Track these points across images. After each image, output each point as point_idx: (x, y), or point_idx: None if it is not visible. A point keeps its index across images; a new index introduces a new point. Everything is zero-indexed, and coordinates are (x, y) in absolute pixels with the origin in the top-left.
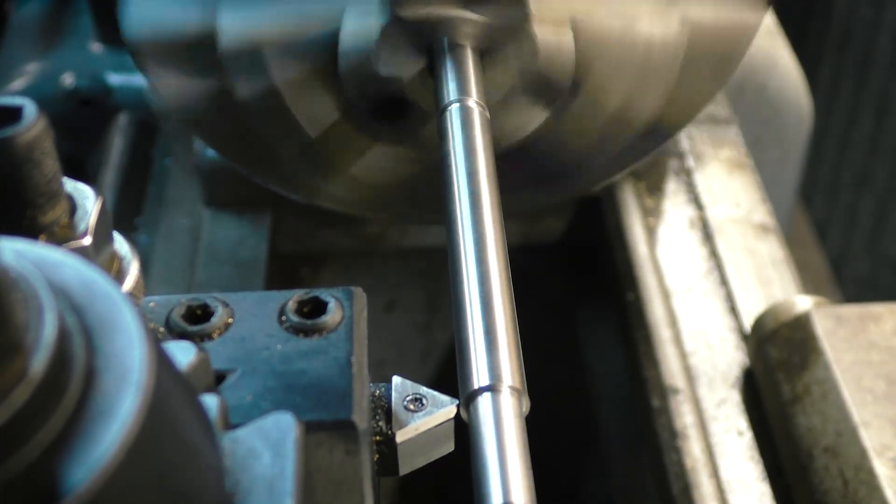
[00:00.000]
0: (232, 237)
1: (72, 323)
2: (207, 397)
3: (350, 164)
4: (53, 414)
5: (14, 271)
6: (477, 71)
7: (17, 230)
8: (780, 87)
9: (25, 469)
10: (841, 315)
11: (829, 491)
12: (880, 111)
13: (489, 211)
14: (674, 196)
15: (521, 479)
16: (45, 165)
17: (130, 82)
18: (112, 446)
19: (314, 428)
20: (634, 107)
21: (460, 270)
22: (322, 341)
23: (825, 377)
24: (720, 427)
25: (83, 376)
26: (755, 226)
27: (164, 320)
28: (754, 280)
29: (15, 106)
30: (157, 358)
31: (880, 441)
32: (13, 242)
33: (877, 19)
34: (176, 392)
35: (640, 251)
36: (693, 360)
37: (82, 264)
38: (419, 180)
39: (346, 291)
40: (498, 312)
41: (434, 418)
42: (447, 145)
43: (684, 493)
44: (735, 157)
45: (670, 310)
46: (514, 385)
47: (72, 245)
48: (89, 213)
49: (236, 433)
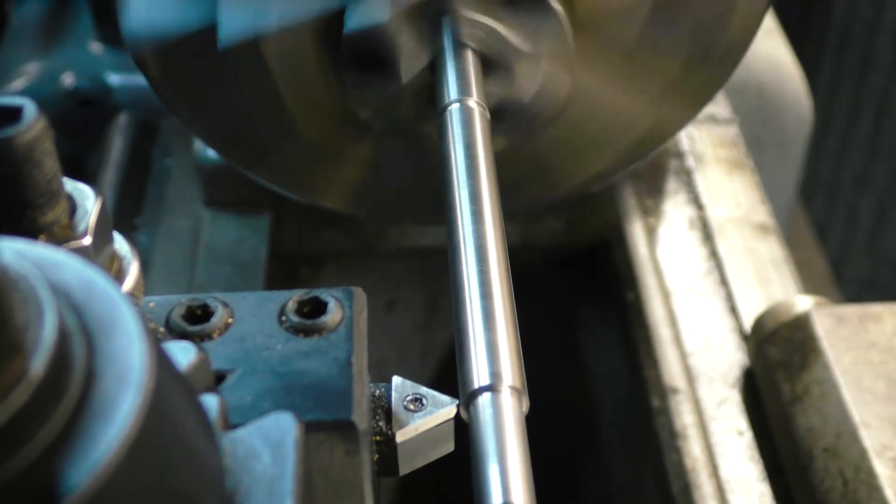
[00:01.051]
0: (232, 237)
1: (72, 323)
2: (207, 397)
3: (350, 165)
4: (53, 414)
5: (14, 271)
6: (478, 72)
7: (17, 230)
8: (780, 87)
9: (25, 469)
10: (841, 315)
11: (829, 491)
12: (880, 111)
13: (489, 211)
14: (674, 196)
15: (521, 479)
16: (45, 165)
17: (130, 82)
18: (112, 447)
19: (314, 428)
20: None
21: (460, 270)
22: (322, 341)
23: (825, 377)
24: (720, 427)
25: (83, 377)
26: (755, 226)
27: (164, 320)
28: (754, 280)
29: (15, 106)
30: (157, 358)
31: (880, 441)
32: (13, 242)
33: (877, 19)
34: (176, 392)
35: (640, 251)
36: (693, 360)
37: (82, 264)
38: (419, 180)
39: (346, 291)
40: (498, 312)
41: (434, 418)
42: (447, 145)
43: (684, 493)
44: (735, 157)
45: (670, 310)
46: (515, 385)
47: (72, 245)
48: (89, 213)
49: (236, 433)
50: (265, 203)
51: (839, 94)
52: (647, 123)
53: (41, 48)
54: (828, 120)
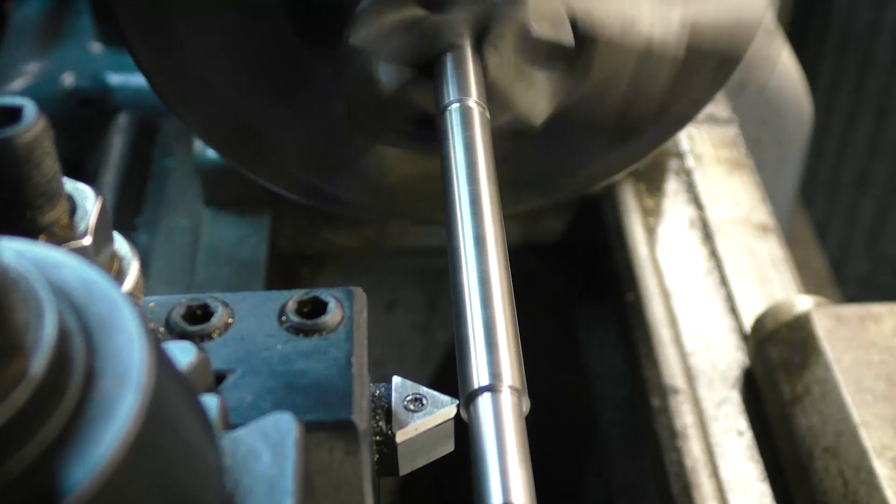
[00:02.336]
0: (232, 237)
1: (72, 323)
2: (207, 397)
3: (351, 165)
4: (53, 414)
5: (14, 271)
6: (477, 71)
7: (17, 230)
8: (780, 87)
9: (25, 470)
10: (841, 315)
11: (829, 491)
12: (880, 111)
13: (489, 211)
14: (674, 196)
15: (521, 479)
16: (44, 166)
17: (130, 82)
18: (112, 447)
19: (314, 428)
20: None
21: (460, 270)
22: (322, 341)
23: (825, 377)
24: (720, 427)
25: (83, 377)
26: (755, 226)
27: (164, 320)
28: (754, 280)
29: (15, 106)
30: (157, 358)
31: (880, 441)
32: (13, 242)
33: (877, 19)
34: (176, 392)
35: (640, 251)
36: (693, 360)
37: (82, 264)
38: (419, 180)
39: (347, 291)
40: (498, 312)
41: (434, 418)
42: (447, 145)
43: (684, 492)
44: (735, 157)
45: (670, 310)
46: (514, 385)
47: (72, 245)
48: (89, 213)
49: (236, 433)
50: (265, 203)
51: (839, 94)
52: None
53: (41, 48)
54: (828, 120)
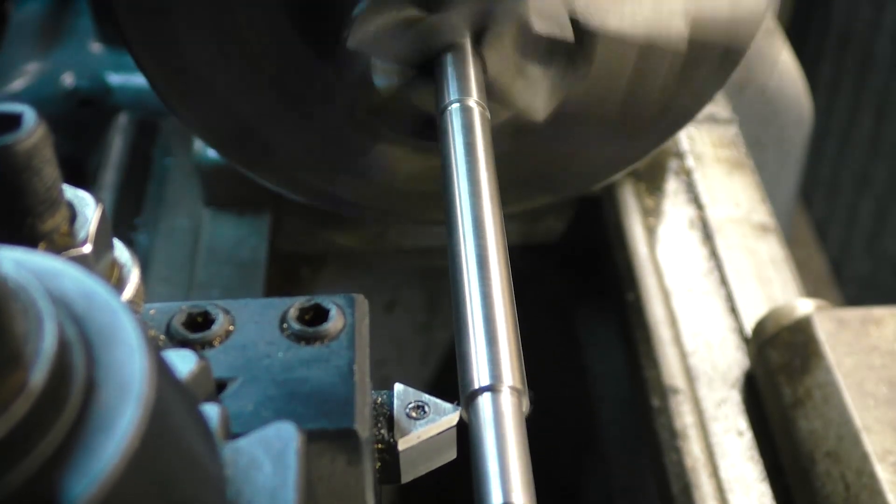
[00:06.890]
0: (232, 237)
1: (72, 334)
2: (208, 406)
3: (351, 165)
4: (53, 426)
5: (13, 281)
6: (477, 70)
7: (17, 238)
8: (780, 87)
9: (25, 482)
10: (842, 318)
11: (830, 495)
12: (880, 111)
13: (489, 211)
14: (674, 196)
15: (521, 479)
16: (44, 173)
17: (130, 82)
18: (112, 459)
19: (316, 437)
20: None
21: (460, 270)
22: (324, 349)
23: (826, 381)
24: (720, 427)
25: (83, 388)
26: (755, 226)
27: (164, 328)
28: (754, 280)
29: (15, 113)
30: (158, 369)
31: (882, 445)
32: (12, 251)
33: (877, 19)
34: (177, 402)
35: (640, 251)
36: (693, 360)
37: (82, 274)
38: (420, 180)
39: (348, 298)
40: (498, 312)
41: (436, 426)
42: (447, 145)
43: (684, 492)
44: (735, 157)
45: (670, 310)
46: (515, 385)
47: (72, 253)
48: (89, 220)
49: (238, 443)
50: (265, 203)
51: (839, 94)
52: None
53: (41, 48)
54: (828, 120)
